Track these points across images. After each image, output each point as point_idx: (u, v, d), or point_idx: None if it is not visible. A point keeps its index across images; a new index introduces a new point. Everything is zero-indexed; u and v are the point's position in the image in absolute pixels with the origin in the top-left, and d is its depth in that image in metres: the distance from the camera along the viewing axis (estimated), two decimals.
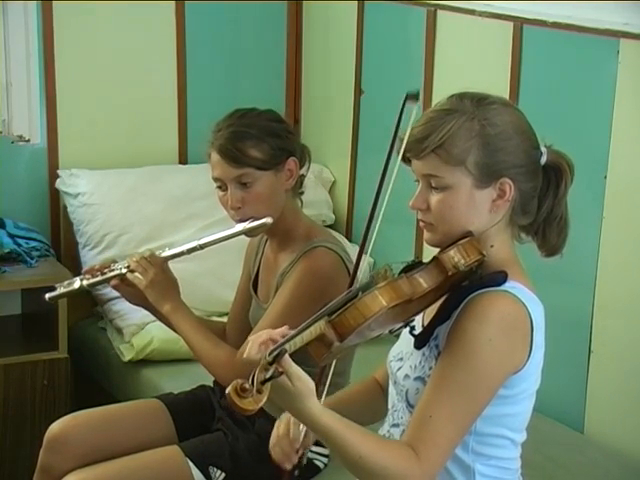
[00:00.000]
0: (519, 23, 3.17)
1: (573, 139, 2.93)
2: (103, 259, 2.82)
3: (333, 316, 1.76)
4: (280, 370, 1.71)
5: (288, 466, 2.05)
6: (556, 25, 3.05)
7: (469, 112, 1.90)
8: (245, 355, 1.81)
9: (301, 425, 2.01)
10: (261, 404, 1.68)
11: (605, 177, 2.94)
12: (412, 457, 1.82)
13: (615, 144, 2.92)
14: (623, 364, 2.97)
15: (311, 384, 1.76)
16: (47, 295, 2.85)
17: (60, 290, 2.83)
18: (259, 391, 1.67)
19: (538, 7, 3.11)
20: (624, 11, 2.84)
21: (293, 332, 1.76)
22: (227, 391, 1.67)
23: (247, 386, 1.67)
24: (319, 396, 1.84)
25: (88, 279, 2.77)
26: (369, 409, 2.17)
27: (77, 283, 2.78)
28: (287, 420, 2.07)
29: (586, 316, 3.04)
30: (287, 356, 1.71)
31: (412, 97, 1.97)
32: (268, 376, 1.68)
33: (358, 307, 1.76)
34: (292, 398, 1.76)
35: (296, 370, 1.74)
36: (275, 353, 1.70)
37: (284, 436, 2.05)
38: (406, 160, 1.96)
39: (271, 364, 1.69)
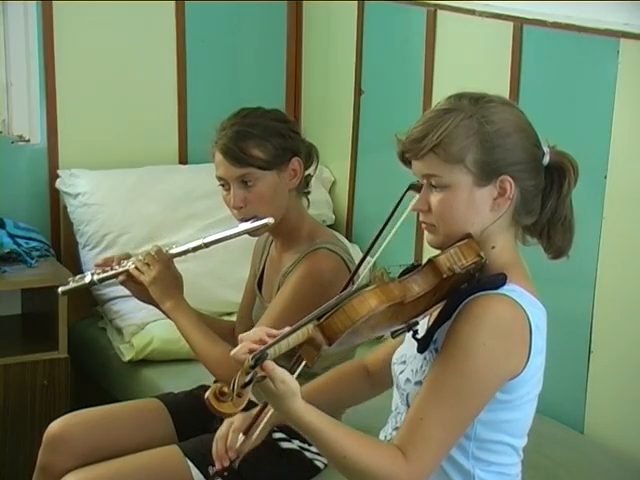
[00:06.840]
0: (519, 23, 3.17)
1: (573, 139, 2.92)
2: (118, 254, 2.85)
3: (322, 319, 1.76)
4: (262, 374, 1.71)
5: (217, 465, 2.14)
6: (556, 25, 3.05)
7: (467, 110, 1.89)
8: (232, 353, 1.80)
9: (240, 434, 2.09)
10: (240, 407, 1.68)
11: (605, 177, 2.94)
12: (398, 458, 1.81)
13: (615, 144, 2.92)
14: (623, 364, 2.97)
15: (295, 385, 1.76)
16: (60, 289, 2.89)
17: (72, 284, 2.87)
18: (239, 395, 1.68)
19: (538, 7, 3.11)
20: (624, 11, 2.84)
21: (279, 336, 1.75)
22: (206, 395, 1.68)
23: (226, 390, 1.68)
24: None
25: (99, 274, 2.80)
26: (347, 394, 2.21)
27: (88, 277, 2.82)
28: (229, 424, 2.14)
29: (586, 316, 3.03)
30: (269, 360, 1.71)
31: (415, 188, 1.96)
32: (247, 380, 1.68)
33: (346, 310, 1.75)
34: (276, 400, 1.77)
35: (280, 373, 1.74)
36: (257, 357, 1.69)
37: (222, 437, 2.14)
38: (406, 161, 1.96)
39: (253, 368, 1.69)
